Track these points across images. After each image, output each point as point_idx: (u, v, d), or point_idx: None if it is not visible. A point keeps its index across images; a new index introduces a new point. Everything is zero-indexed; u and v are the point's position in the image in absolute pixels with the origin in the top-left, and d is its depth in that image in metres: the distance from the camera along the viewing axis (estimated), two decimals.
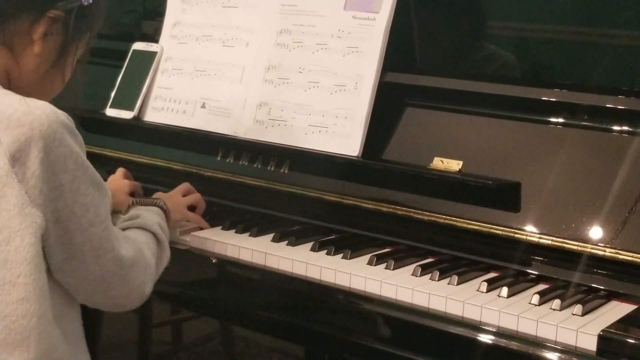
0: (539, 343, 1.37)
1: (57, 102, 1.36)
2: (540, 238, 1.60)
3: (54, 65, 1.41)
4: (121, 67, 2.25)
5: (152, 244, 1.52)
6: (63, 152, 1.26)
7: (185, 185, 1.88)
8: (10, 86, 1.37)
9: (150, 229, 1.54)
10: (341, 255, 1.68)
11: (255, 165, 1.96)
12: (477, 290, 1.52)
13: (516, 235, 1.62)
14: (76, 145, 1.29)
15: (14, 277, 1.23)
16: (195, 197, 1.86)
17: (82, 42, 1.45)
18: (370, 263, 1.64)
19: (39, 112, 1.25)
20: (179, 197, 1.83)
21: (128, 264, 1.39)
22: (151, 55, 2.22)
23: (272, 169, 1.94)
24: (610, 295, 1.52)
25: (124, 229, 1.53)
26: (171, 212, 1.69)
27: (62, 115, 1.28)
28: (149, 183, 2.01)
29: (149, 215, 1.59)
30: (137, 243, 1.47)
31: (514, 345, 1.39)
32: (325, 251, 1.70)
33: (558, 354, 1.34)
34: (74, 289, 1.36)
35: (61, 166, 1.26)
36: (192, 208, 1.85)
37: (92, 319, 1.49)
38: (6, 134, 1.23)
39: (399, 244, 1.76)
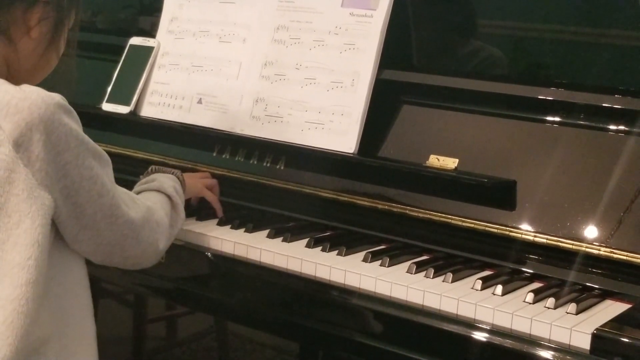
0: (533, 341, 1.37)
1: None
2: (535, 236, 1.60)
3: (49, 45, 1.44)
4: (118, 61, 2.24)
5: (167, 206, 1.58)
6: (63, 131, 1.30)
7: (205, 174, 1.94)
8: (9, 72, 1.40)
9: (165, 191, 1.61)
10: (336, 251, 1.68)
11: (251, 162, 1.96)
12: (472, 288, 1.52)
13: (511, 234, 1.62)
14: (73, 123, 1.33)
15: (23, 260, 1.25)
16: (212, 181, 1.91)
17: (73, 16, 1.49)
18: (365, 260, 1.64)
19: (35, 96, 1.28)
20: (195, 177, 1.88)
21: (139, 224, 1.44)
22: (148, 50, 2.22)
23: (268, 165, 1.94)
24: (605, 294, 1.52)
25: (140, 192, 1.59)
26: (187, 185, 1.75)
27: (57, 97, 1.32)
28: None
29: (165, 179, 1.65)
30: (147, 202, 1.52)
31: (508, 343, 1.39)
32: (320, 248, 1.70)
33: (552, 352, 1.34)
34: (91, 254, 1.41)
35: (64, 145, 1.30)
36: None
37: None
38: (6, 121, 1.26)
39: (394, 241, 1.76)
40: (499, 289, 1.51)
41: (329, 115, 1.89)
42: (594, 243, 1.54)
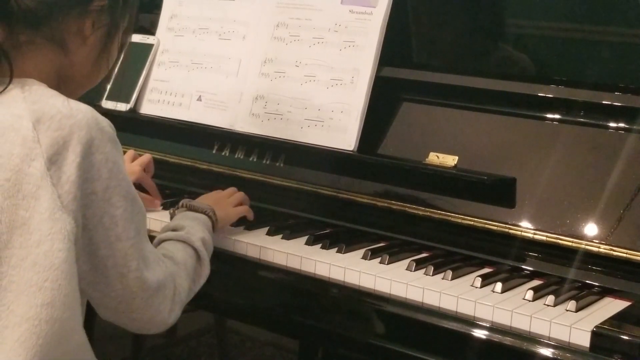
0: (533, 338, 1.37)
1: None
2: (534, 234, 1.60)
3: (102, 52, 1.39)
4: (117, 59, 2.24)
5: (191, 262, 1.48)
6: (99, 159, 1.24)
7: (231, 190, 1.83)
8: (59, 81, 1.35)
9: (192, 244, 1.50)
10: (336, 249, 1.68)
11: (250, 159, 1.96)
12: (471, 286, 1.52)
13: (511, 231, 1.62)
14: (114, 155, 1.26)
15: (40, 281, 1.20)
16: (243, 201, 1.81)
17: (126, 21, 1.44)
18: (364, 257, 1.64)
19: (81, 116, 1.23)
20: (228, 206, 1.76)
21: (153, 288, 1.33)
22: (148, 47, 2.22)
23: (268, 162, 1.94)
24: (604, 292, 1.52)
25: (165, 240, 1.50)
26: (220, 220, 1.66)
27: (103, 122, 1.26)
28: None
29: (195, 226, 1.55)
30: (171, 266, 1.42)
31: (507, 340, 1.39)
32: (319, 245, 1.70)
33: (551, 350, 1.34)
34: (99, 305, 1.33)
35: (95, 173, 1.24)
36: None
37: (86, 310, 1.48)
38: (46, 136, 1.21)
39: (394, 238, 1.76)
40: (498, 286, 1.51)
41: (328, 113, 1.89)
42: (594, 240, 1.54)
